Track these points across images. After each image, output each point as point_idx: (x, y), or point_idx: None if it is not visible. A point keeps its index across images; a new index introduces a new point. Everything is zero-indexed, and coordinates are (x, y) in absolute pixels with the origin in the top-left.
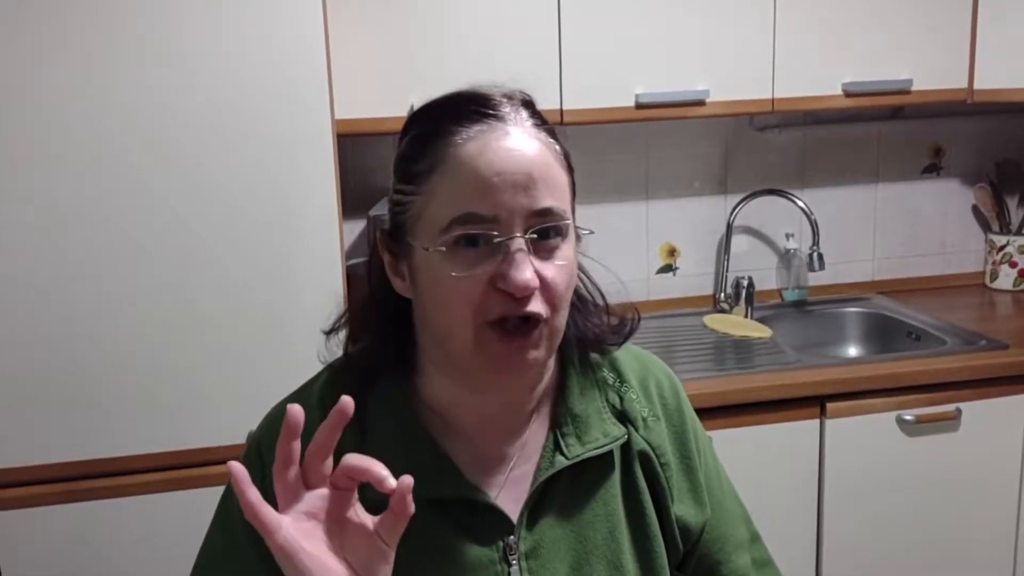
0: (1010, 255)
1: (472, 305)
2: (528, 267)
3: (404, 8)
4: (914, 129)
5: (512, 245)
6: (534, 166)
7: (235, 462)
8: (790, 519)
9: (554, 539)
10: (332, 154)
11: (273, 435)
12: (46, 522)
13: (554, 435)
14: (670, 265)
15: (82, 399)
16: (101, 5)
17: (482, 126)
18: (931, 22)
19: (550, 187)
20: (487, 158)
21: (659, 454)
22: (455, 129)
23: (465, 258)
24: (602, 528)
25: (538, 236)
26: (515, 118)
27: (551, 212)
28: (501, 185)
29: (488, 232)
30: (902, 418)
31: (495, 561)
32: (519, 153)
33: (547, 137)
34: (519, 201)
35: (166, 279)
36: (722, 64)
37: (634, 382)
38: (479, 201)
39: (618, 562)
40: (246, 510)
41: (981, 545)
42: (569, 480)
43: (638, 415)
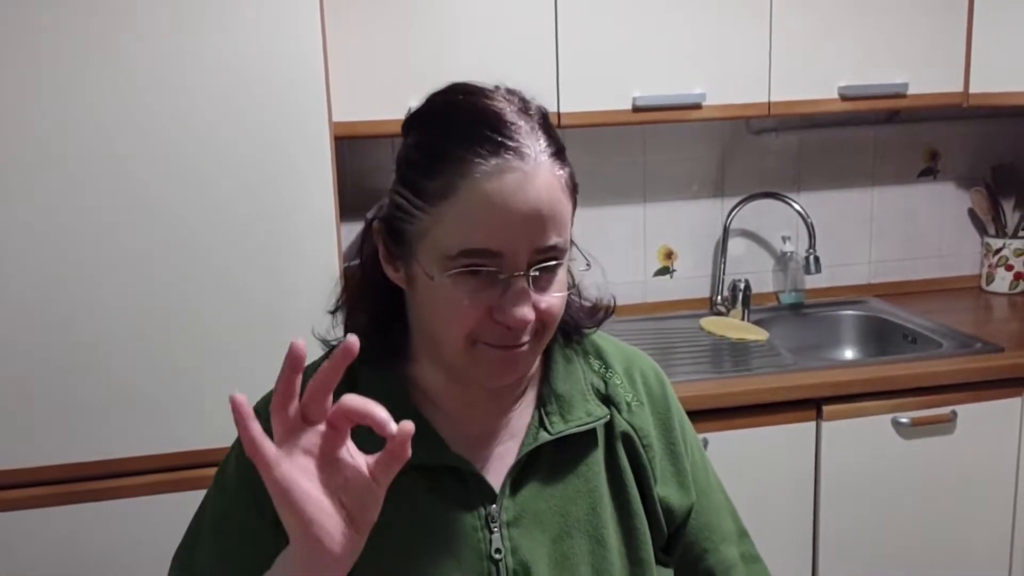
0: (1006, 258)
1: (467, 328)
2: (526, 304)
3: (402, 11)
4: (910, 133)
5: (515, 282)
6: (545, 206)
7: (238, 394)
8: (786, 521)
9: (536, 511)
10: (330, 157)
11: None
12: (43, 524)
13: (539, 413)
14: (667, 268)
15: (80, 401)
16: (99, 9)
17: (500, 160)
18: (927, 26)
19: (556, 223)
20: (504, 199)
21: (642, 436)
22: (472, 159)
23: (467, 286)
24: (584, 503)
25: (539, 271)
26: (533, 151)
27: (555, 248)
28: (512, 226)
29: (493, 268)
30: (898, 421)
31: (477, 528)
32: (534, 196)
33: (559, 169)
34: (527, 239)
35: (164, 282)
36: (719, 68)
37: (619, 369)
38: (490, 239)
39: (600, 536)
40: (247, 444)
41: (977, 547)
42: (552, 456)
43: (622, 399)
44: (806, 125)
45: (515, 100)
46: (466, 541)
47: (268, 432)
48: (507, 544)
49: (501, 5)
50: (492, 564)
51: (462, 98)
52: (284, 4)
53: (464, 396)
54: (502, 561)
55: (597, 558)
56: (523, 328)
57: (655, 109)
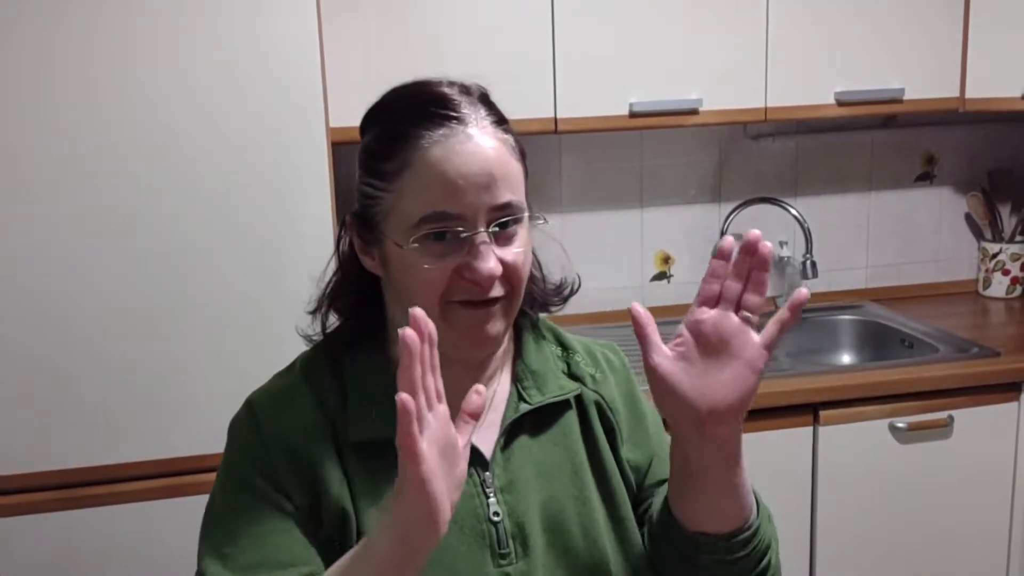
0: (1003, 263)
1: (440, 291)
2: (492, 258)
3: (399, 17)
4: (906, 138)
5: (477, 239)
6: (494, 165)
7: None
8: (783, 526)
9: (525, 478)
10: (327, 162)
11: (270, 398)
12: (42, 529)
13: (516, 388)
14: (664, 272)
15: (78, 406)
16: (97, 14)
17: (445, 129)
18: (923, 31)
19: (509, 183)
20: (452, 162)
21: (609, 402)
22: (420, 132)
23: (434, 251)
24: (566, 469)
25: (499, 228)
26: (475, 118)
27: (510, 205)
28: (466, 186)
29: (455, 228)
30: (895, 425)
31: (473, 494)
32: (481, 155)
33: (503, 133)
34: (482, 199)
35: (161, 287)
36: (715, 73)
37: (579, 349)
38: (446, 201)
39: (584, 498)
40: (405, 438)
41: (974, 551)
42: (532, 427)
43: (585, 374)
44: (803, 130)
45: (455, 84)
46: (464, 506)
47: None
48: (503, 508)
49: (498, 11)
50: (491, 526)
51: (406, 89)
52: (281, 10)
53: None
54: (501, 523)
55: (584, 518)
56: (491, 282)
57: (652, 115)
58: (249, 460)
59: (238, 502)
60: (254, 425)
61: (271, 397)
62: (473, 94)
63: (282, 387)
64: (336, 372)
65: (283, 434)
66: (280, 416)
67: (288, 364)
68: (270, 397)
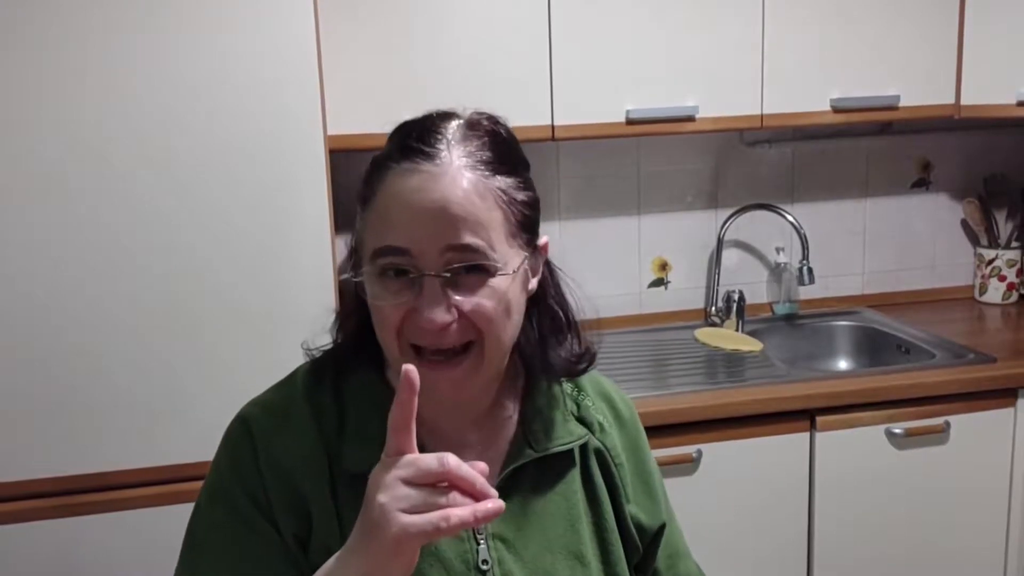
0: (999, 269)
1: (395, 330)
2: (439, 305)
3: (397, 25)
4: (902, 144)
5: (424, 282)
6: (453, 204)
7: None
8: (781, 532)
9: (519, 526)
10: (324, 169)
11: (267, 416)
12: (39, 537)
13: (523, 431)
14: (662, 279)
15: (75, 413)
16: (95, 23)
17: (409, 163)
18: (918, 38)
19: (471, 224)
20: (404, 196)
21: (613, 455)
22: (389, 164)
23: (390, 286)
24: (562, 521)
25: (455, 273)
26: (448, 156)
27: (471, 248)
28: (412, 221)
29: (405, 265)
30: (891, 431)
31: (463, 539)
32: (437, 191)
33: (483, 172)
34: (434, 237)
35: (159, 294)
36: (712, 80)
37: (590, 392)
38: (396, 234)
39: (579, 553)
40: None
41: (971, 557)
42: (533, 474)
43: (594, 420)
44: (799, 137)
45: (454, 117)
46: (454, 549)
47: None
48: (493, 555)
49: (495, 19)
50: (480, 574)
51: (413, 119)
52: (279, 18)
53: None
54: (489, 571)
55: (577, 574)
56: (437, 330)
57: (649, 121)
58: (239, 479)
59: (222, 520)
60: (249, 446)
61: (268, 415)
62: (476, 129)
63: (281, 405)
64: (337, 395)
65: (279, 460)
66: (277, 439)
67: (287, 376)
68: (267, 415)
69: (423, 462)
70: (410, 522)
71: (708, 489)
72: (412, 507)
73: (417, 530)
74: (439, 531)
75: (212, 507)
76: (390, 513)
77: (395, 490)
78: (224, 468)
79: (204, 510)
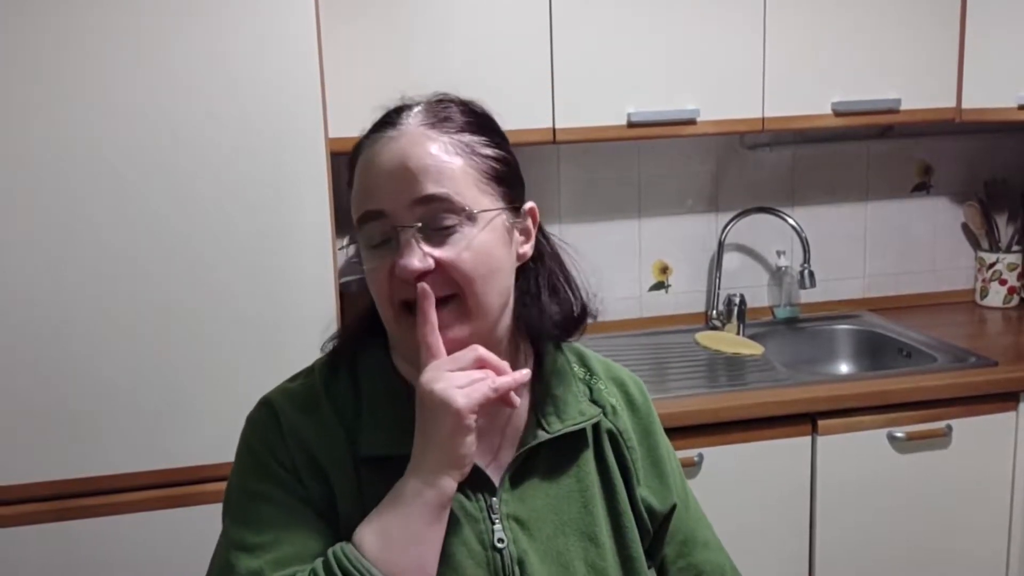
0: (1000, 272)
1: (384, 292)
2: (413, 254)
3: (398, 28)
4: (903, 148)
5: (400, 236)
6: (410, 159)
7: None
8: (782, 536)
9: (533, 507)
10: (326, 172)
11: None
12: (40, 540)
13: (535, 414)
14: (662, 282)
15: (76, 416)
16: (96, 23)
17: (375, 135)
18: (919, 42)
19: (433, 175)
20: (371, 160)
21: (626, 438)
22: (364, 140)
23: (375, 253)
24: (576, 502)
25: (428, 223)
26: (406, 121)
27: (436, 198)
28: (381, 182)
29: (384, 228)
30: (893, 435)
31: (479, 519)
32: (397, 149)
33: (440, 130)
34: (399, 193)
35: (160, 296)
36: (713, 83)
37: (602, 375)
38: (369, 199)
39: (592, 534)
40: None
41: (972, 561)
42: (547, 455)
43: (606, 402)
44: (800, 140)
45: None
46: (472, 528)
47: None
48: (508, 535)
49: (497, 22)
50: (496, 553)
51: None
52: (281, 21)
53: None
54: (505, 550)
55: (591, 555)
56: (413, 278)
57: (650, 125)
58: (270, 451)
59: (262, 491)
60: (275, 423)
61: (290, 400)
62: (431, 102)
63: (302, 392)
64: (353, 383)
65: (304, 439)
66: (301, 421)
67: (306, 368)
68: (289, 400)
69: (459, 354)
70: (469, 390)
71: (709, 493)
72: (464, 384)
73: (478, 395)
74: (493, 393)
75: (248, 478)
76: (449, 391)
77: (445, 378)
78: (253, 441)
79: (241, 482)
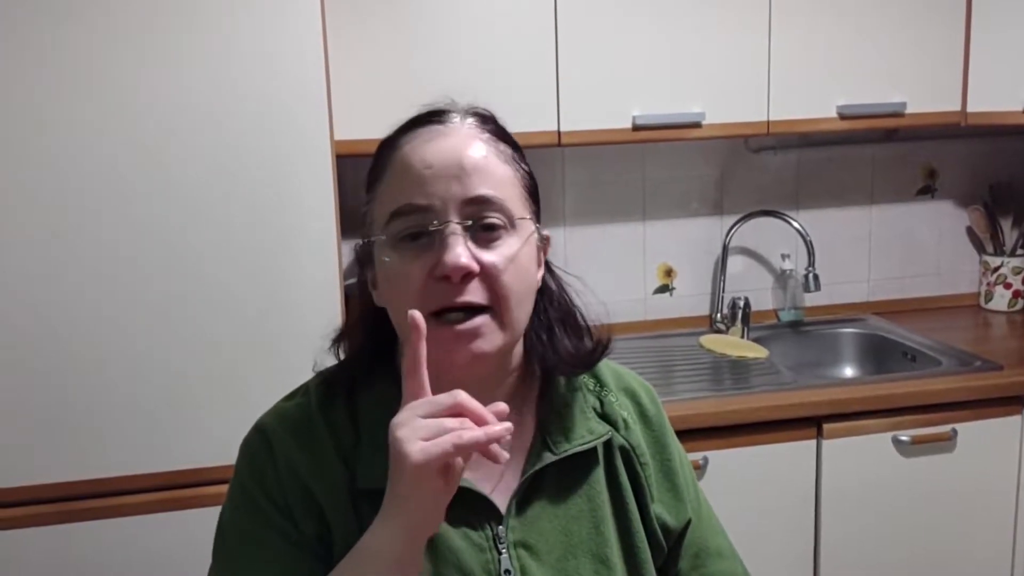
0: (1004, 276)
1: (416, 295)
2: (461, 249)
3: (403, 31)
4: (908, 151)
5: (446, 230)
6: (466, 157)
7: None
8: (787, 540)
9: (541, 531)
10: (331, 175)
11: (284, 427)
12: (41, 543)
13: (541, 435)
14: (667, 285)
15: (78, 418)
16: (100, 25)
17: (423, 130)
18: (924, 46)
19: (485, 177)
20: (420, 153)
21: (638, 453)
22: (400, 138)
23: (408, 251)
24: (587, 522)
25: (477, 225)
26: (456, 122)
27: (488, 200)
28: (432, 176)
29: (425, 221)
30: (898, 439)
31: (484, 549)
32: (451, 146)
33: (491, 136)
34: (452, 190)
35: (163, 299)
36: (718, 86)
37: (613, 387)
38: (414, 192)
39: (603, 556)
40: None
41: (978, 565)
42: (555, 476)
43: (618, 416)
44: (805, 143)
45: (459, 104)
46: (475, 559)
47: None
48: (516, 564)
49: (502, 25)
50: None
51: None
52: (286, 24)
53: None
54: None
55: None
56: (458, 275)
57: (655, 128)
58: (260, 485)
59: (252, 532)
60: (268, 454)
61: (285, 427)
62: (467, 111)
63: (297, 418)
64: (351, 412)
65: (298, 472)
66: (295, 451)
67: (299, 388)
68: (284, 427)
69: (437, 398)
70: (428, 445)
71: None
72: (429, 435)
73: (437, 450)
74: (455, 449)
75: (236, 514)
76: (408, 442)
77: (412, 423)
78: (244, 476)
79: (229, 518)
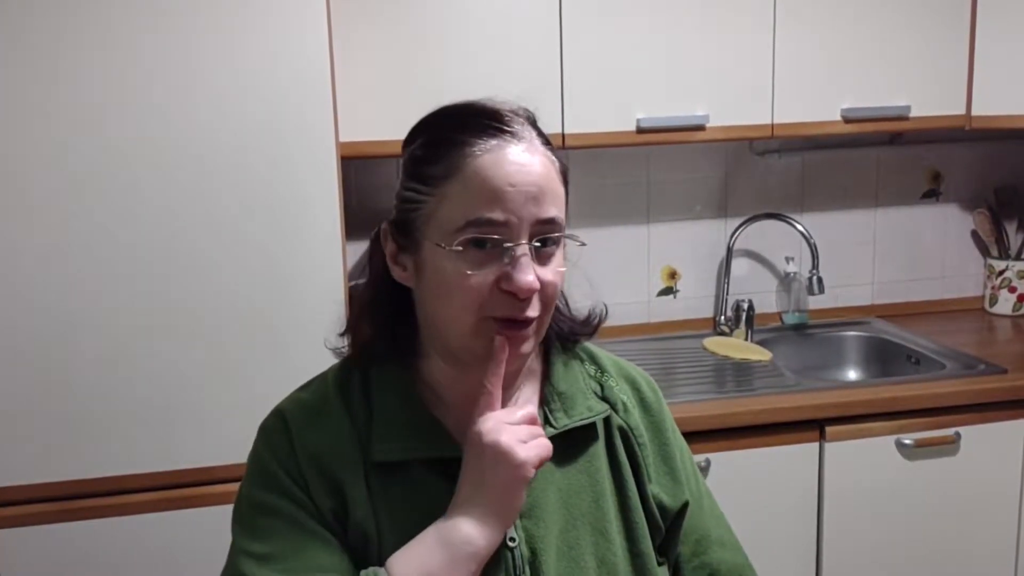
0: (1009, 280)
1: (478, 301)
2: (531, 271)
3: (408, 33)
4: (913, 155)
5: (518, 250)
6: (541, 179)
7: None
8: (789, 543)
9: (543, 503)
10: (336, 176)
11: (302, 410)
12: (45, 541)
13: (543, 411)
14: (671, 288)
15: (82, 418)
16: (106, 25)
17: (498, 140)
18: (929, 49)
19: (553, 198)
20: (503, 170)
21: (636, 435)
22: (472, 140)
23: (475, 258)
24: (587, 496)
25: (541, 244)
26: (527, 135)
27: (554, 222)
28: (514, 195)
29: (498, 236)
30: (901, 442)
31: None
32: (532, 168)
33: (551, 153)
34: (529, 210)
35: (168, 299)
36: (722, 89)
37: (613, 372)
38: (493, 207)
39: (603, 528)
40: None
41: (981, 569)
42: (556, 451)
43: (617, 399)
44: (809, 146)
45: (506, 103)
46: None
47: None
48: (520, 533)
49: (507, 28)
50: (507, 551)
51: (457, 105)
52: (291, 26)
53: (470, 390)
54: (516, 548)
55: (601, 549)
56: (529, 296)
57: (659, 131)
58: (280, 463)
59: (270, 502)
60: (286, 435)
61: (303, 410)
62: (521, 115)
63: (314, 400)
64: (366, 389)
65: (315, 451)
66: (312, 431)
67: (317, 376)
68: (302, 409)
69: (518, 411)
70: (531, 447)
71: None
72: (525, 439)
73: (536, 454)
74: (547, 453)
75: (257, 489)
76: (515, 444)
77: (509, 430)
78: (262, 451)
79: (250, 493)
